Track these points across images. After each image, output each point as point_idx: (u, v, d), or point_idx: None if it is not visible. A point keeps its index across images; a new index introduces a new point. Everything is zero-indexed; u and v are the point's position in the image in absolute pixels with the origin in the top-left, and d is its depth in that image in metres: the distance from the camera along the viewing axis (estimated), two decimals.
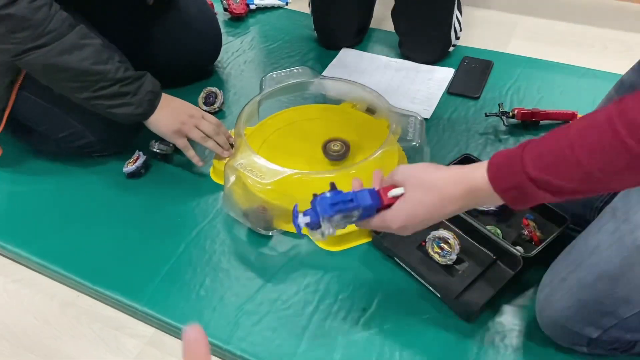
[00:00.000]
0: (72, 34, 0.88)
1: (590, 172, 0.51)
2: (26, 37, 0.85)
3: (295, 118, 1.12)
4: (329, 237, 0.89)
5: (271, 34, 1.45)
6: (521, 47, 1.37)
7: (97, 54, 0.91)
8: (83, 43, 0.90)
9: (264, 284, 0.87)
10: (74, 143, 1.05)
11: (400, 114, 1.03)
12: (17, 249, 0.95)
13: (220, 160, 1.02)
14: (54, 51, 0.87)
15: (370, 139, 1.03)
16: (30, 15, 0.84)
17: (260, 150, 0.98)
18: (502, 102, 1.14)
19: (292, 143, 1.06)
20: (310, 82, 1.12)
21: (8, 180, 1.08)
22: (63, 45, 0.87)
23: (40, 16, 0.85)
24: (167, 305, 0.85)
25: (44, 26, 0.85)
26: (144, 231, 0.96)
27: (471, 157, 1.00)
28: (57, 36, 0.87)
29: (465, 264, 0.87)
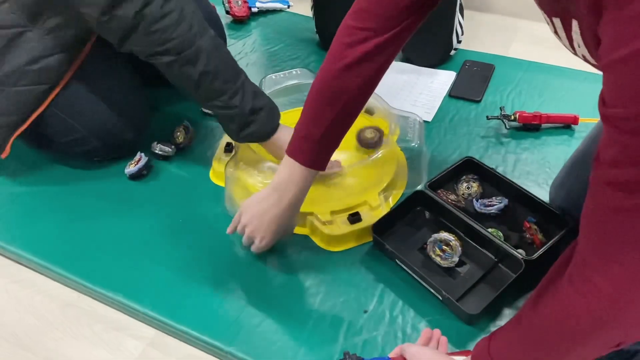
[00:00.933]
0: (201, 41, 0.88)
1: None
2: (154, 40, 0.85)
3: (294, 120, 1.11)
4: (330, 235, 0.90)
5: (273, 36, 1.46)
6: (523, 51, 1.37)
7: (225, 68, 0.90)
8: (210, 53, 0.88)
9: (265, 286, 0.87)
10: (78, 148, 1.06)
11: (399, 115, 1.03)
12: (19, 249, 0.95)
13: (220, 162, 1.03)
14: (180, 60, 0.87)
15: None
16: (160, 17, 0.84)
17: (260, 151, 0.98)
18: (503, 106, 1.14)
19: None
20: (309, 84, 1.12)
21: (9, 181, 1.08)
22: (190, 55, 0.87)
23: (169, 21, 0.85)
24: (168, 306, 0.85)
25: (170, 32, 0.85)
26: (145, 232, 0.96)
27: (473, 159, 1.00)
28: (186, 45, 0.87)
29: (466, 266, 0.87)
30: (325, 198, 0.95)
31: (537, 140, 1.10)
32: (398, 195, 1.00)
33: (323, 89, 0.77)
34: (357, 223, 0.92)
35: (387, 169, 0.99)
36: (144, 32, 0.84)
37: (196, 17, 0.89)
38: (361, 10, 0.73)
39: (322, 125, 0.77)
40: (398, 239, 0.91)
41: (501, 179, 0.96)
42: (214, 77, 0.89)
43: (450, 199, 0.95)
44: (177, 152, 1.11)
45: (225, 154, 1.05)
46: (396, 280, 0.87)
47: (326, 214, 0.92)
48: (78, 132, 1.03)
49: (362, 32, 0.72)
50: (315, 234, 0.94)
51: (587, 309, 0.50)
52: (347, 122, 0.80)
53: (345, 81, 0.75)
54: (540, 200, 0.91)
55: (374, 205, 0.94)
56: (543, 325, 0.55)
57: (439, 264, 0.86)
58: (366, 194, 0.95)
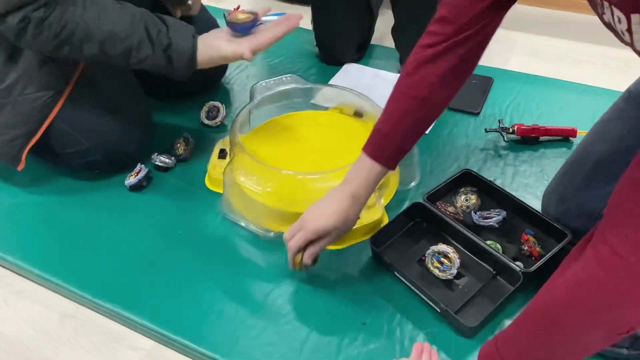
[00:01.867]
0: (85, 18, 0.87)
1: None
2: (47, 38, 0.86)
3: (286, 125, 1.14)
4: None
5: (273, 49, 1.45)
6: (521, 63, 1.38)
7: (117, 28, 0.89)
8: (98, 24, 0.88)
9: (263, 298, 0.87)
10: (80, 160, 1.06)
11: None
12: (18, 260, 0.95)
13: (215, 168, 1.04)
14: (76, 44, 0.88)
15: (359, 142, 1.04)
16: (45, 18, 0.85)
17: (254, 155, 0.99)
18: (502, 118, 1.15)
19: (284, 148, 1.08)
20: (299, 89, 1.15)
21: (9, 192, 1.08)
22: (81, 35, 0.88)
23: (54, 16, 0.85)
24: (166, 318, 0.85)
25: (57, 23, 0.86)
26: (144, 243, 0.96)
27: (471, 172, 1.00)
28: (73, 28, 0.87)
29: (465, 278, 0.87)
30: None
31: (535, 152, 1.11)
32: (392, 193, 1.02)
33: (402, 86, 0.78)
34: None
35: None
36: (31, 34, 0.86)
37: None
38: (441, 18, 0.75)
39: (394, 121, 0.79)
40: (396, 251, 0.91)
41: (499, 191, 0.97)
42: (113, 42, 0.89)
43: (448, 211, 0.95)
44: (177, 163, 1.11)
45: (219, 160, 1.06)
46: (394, 292, 0.87)
47: None
48: (81, 144, 1.03)
49: (441, 35, 0.74)
50: None
51: (606, 278, 0.51)
52: (423, 123, 0.81)
53: (425, 76, 0.76)
54: (539, 213, 0.92)
55: (370, 204, 0.95)
56: (557, 306, 0.56)
57: (437, 276, 0.86)
58: None
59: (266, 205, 0.95)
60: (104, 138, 1.04)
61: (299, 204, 0.96)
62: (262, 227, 0.96)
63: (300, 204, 0.95)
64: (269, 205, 0.95)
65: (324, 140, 1.11)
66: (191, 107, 1.25)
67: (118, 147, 1.05)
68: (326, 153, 1.07)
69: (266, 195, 0.94)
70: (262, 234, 0.96)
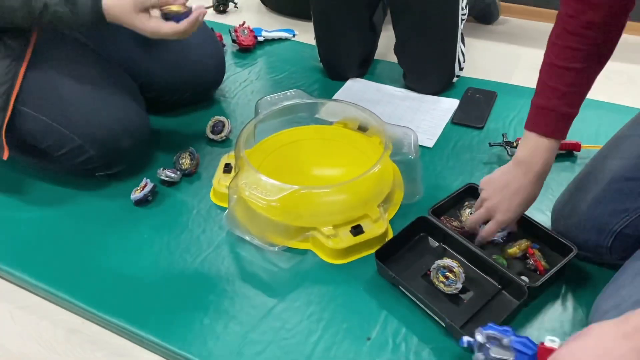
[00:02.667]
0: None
1: None
2: None
3: (290, 139, 1.15)
4: (335, 248, 0.92)
5: (278, 65, 1.48)
6: (525, 78, 1.39)
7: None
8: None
9: (268, 312, 0.87)
10: (75, 160, 1.05)
11: (393, 129, 1.05)
12: (24, 275, 0.95)
13: (220, 182, 1.05)
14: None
15: (364, 156, 1.07)
16: None
17: (259, 170, 0.99)
18: (506, 133, 1.15)
19: (289, 163, 1.09)
20: (304, 104, 1.16)
21: (15, 206, 1.09)
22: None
23: None
24: (171, 333, 0.85)
25: None
26: (150, 258, 0.97)
27: (475, 186, 1.01)
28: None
29: (470, 293, 0.87)
30: (326, 213, 0.97)
31: None
32: (396, 207, 1.03)
33: (548, 58, 0.81)
34: (359, 235, 0.94)
35: (385, 182, 1.02)
36: None
37: None
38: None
39: (558, 94, 0.79)
40: (401, 265, 0.91)
41: None
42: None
43: (453, 225, 0.95)
44: (183, 177, 1.12)
45: (224, 174, 1.06)
46: (399, 307, 0.86)
47: (329, 228, 0.94)
48: (73, 141, 1.03)
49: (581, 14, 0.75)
50: (319, 248, 0.95)
51: None
52: (584, 87, 0.81)
53: (576, 44, 0.76)
54: (543, 227, 0.92)
55: (375, 218, 0.96)
56: None
57: (442, 290, 0.86)
58: (366, 207, 0.98)
59: (271, 219, 0.96)
60: (94, 130, 1.02)
61: (304, 218, 0.97)
62: (267, 241, 0.96)
63: (305, 218, 0.97)
64: (274, 219, 0.96)
65: (329, 154, 1.12)
66: (196, 122, 1.26)
67: (111, 140, 1.04)
68: (331, 167, 1.08)
69: (271, 209, 0.95)
70: (267, 248, 0.96)
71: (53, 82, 1.03)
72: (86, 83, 1.05)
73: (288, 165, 1.07)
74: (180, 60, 1.21)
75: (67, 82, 1.03)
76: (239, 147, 1.03)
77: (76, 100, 1.03)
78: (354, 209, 0.97)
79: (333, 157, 1.11)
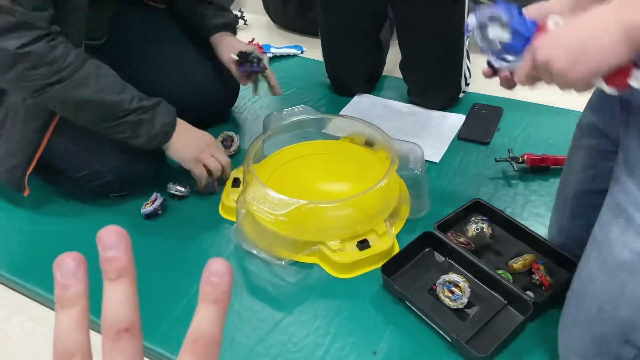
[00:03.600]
0: (87, 66, 0.93)
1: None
2: (44, 73, 0.89)
3: (298, 154, 1.16)
4: (341, 263, 0.92)
5: (286, 80, 1.50)
6: (531, 94, 1.39)
7: (112, 85, 0.96)
8: (98, 74, 0.94)
9: (274, 325, 0.88)
10: (92, 182, 1.09)
11: (399, 145, 1.06)
12: (35, 287, 0.97)
13: (228, 197, 1.06)
14: (71, 85, 0.92)
15: (370, 171, 1.08)
16: (48, 53, 0.88)
17: (266, 184, 1.00)
18: (511, 148, 1.16)
19: (296, 177, 1.10)
20: (310, 120, 1.18)
21: (27, 219, 1.11)
22: (79, 78, 0.92)
23: (58, 53, 0.89)
24: (179, 345, 0.85)
25: (61, 62, 0.90)
26: (159, 271, 0.98)
27: (481, 201, 1.01)
28: (73, 70, 0.91)
29: (475, 308, 0.87)
30: (333, 227, 0.98)
31: (545, 182, 1.11)
32: (402, 222, 1.03)
33: None
34: (366, 249, 0.94)
35: (391, 197, 1.03)
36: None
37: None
38: None
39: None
40: (407, 280, 0.92)
41: (510, 220, 0.97)
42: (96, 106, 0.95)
43: (459, 241, 0.96)
44: (192, 192, 1.14)
45: (232, 189, 1.08)
46: (405, 321, 0.87)
47: (335, 242, 0.95)
48: (92, 165, 1.06)
49: None
50: (326, 262, 0.96)
51: None
52: None
53: None
54: (549, 243, 0.92)
55: (381, 233, 0.97)
56: None
57: (448, 305, 0.87)
58: (372, 222, 0.98)
59: (278, 233, 0.97)
60: (114, 157, 1.06)
61: (311, 232, 0.98)
62: (274, 255, 0.97)
63: (312, 232, 0.98)
64: (281, 233, 0.97)
65: (336, 169, 1.13)
66: None
67: (129, 166, 1.08)
68: (338, 182, 1.09)
69: (278, 224, 0.96)
70: (274, 262, 0.97)
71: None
72: None
73: (295, 180, 1.08)
74: (193, 84, 1.23)
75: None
76: (248, 162, 1.04)
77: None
78: (361, 223, 0.98)
79: (340, 172, 1.12)
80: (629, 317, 0.64)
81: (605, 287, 0.66)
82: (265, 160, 1.14)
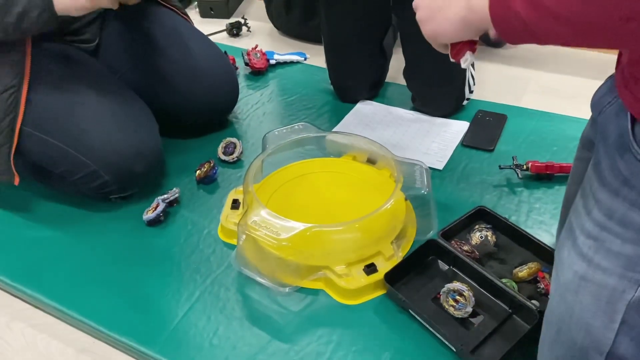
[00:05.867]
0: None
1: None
2: None
3: (298, 173, 1.14)
4: (348, 288, 0.90)
5: (290, 87, 1.50)
6: (535, 101, 1.39)
7: None
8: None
9: (276, 333, 0.87)
10: (90, 184, 1.07)
11: (403, 163, 1.04)
12: (36, 293, 0.96)
13: (227, 219, 1.04)
14: None
15: (374, 190, 1.06)
16: None
17: (267, 205, 0.97)
18: (515, 155, 1.16)
19: (297, 197, 1.07)
20: (311, 138, 1.15)
21: (28, 226, 1.10)
22: None
23: None
24: (180, 352, 0.85)
25: None
26: (160, 278, 0.97)
27: (485, 209, 1.01)
28: None
29: (480, 317, 0.86)
30: (339, 251, 0.95)
31: (549, 189, 1.11)
32: (409, 243, 1.00)
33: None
34: (373, 274, 0.92)
35: (398, 218, 1.01)
36: None
37: None
38: None
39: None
40: (411, 288, 0.91)
41: (514, 228, 0.97)
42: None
43: (464, 249, 0.95)
44: (194, 199, 1.13)
45: (232, 210, 1.06)
46: (409, 330, 0.86)
47: (342, 267, 0.92)
48: (87, 166, 1.04)
49: None
50: (331, 288, 0.93)
51: None
52: None
53: None
54: (554, 251, 0.91)
55: (388, 255, 0.94)
56: None
57: (452, 314, 0.86)
58: (379, 245, 0.96)
59: (282, 258, 0.94)
60: (109, 156, 1.04)
61: (316, 256, 0.95)
62: (278, 282, 0.93)
63: (318, 257, 0.95)
64: (285, 259, 0.94)
65: (338, 187, 1.10)
66: (208, 144, 1.27)
67: (125, 165, 1.05)
68: (341, 201, 1.06)
69: (282, 248, 0.93)
70: (277, 289, 0.93)
71: (64, 105, 1.05)
72: (100, 107, 1.06)
73: (297, 201, 1.05)
74: (193, 86, 1.22)
75: (79, 106, 1.05)
76: (247, 183, 1.01)
77: (90, 125, 1.04)
78: (367, 247, 0.95)
79: (343, 191, 1.09)
80: (581, 342, 0.62)
81: (559, 308, 0.64)
82: (265, 180, 1.11)
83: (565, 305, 0.63)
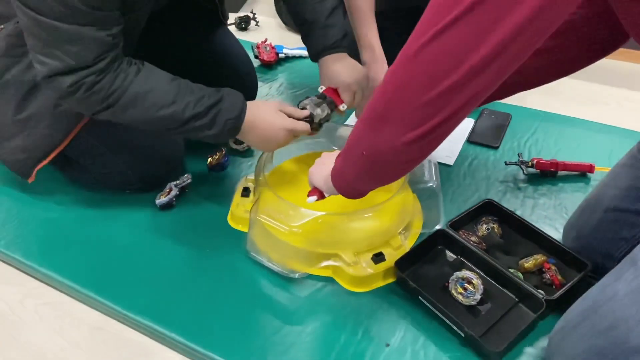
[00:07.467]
0: (133, 86, 0.88)
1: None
2: (95, 100, 0.87)
3: (309, 162, 1.13)
4: (356, 276, 0.92)
5: (298, 81, 1.52)
6: (539, 101, 1.42)
7: (161, 98, 0.89)
8: (145, 91, 0.88)
9: (289, 316, 0.89)
10: (113, 179, 1.10)
11: None
12: (50, 271, 0.98)
13: (238, 207, 1.05)
14: (119, 109, 0.88)
15: None
16: (95, 83, 0.85)
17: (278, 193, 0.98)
18: (521, 152, 1.18)
19: (308, 187, 1.08)
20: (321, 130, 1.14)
21: (43, 207, 1.12)
22: (126, 102, 0.88)
23: (105, 82, 0.86)
24: (194, 332, 0.87)
25: (107, 88, 0.86)
26: (173, 259, 0.99)
27: (493, 202, 1.03)
28: (118, 95, 0.87)
29: (487, 305, 0.88)
30: (349, 240, 0.97)
31: (554, 186, 1.14)
32: (416, 235, 1.02)
33: None
34: (381, 263, 0.94)
35: (406, 209, 1.03)
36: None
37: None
38: None
39: None
40: (420, 276, 0.93)
41: (521, 221, 0.99)
42: (158, 107, 0.89)
43: (472, 240, 0.97)
44: (207, 184, 1.15)
45: (242, 198, 1.07)
46: (418, 316, 0.88)
47: (350, 255, 0.94)
48: (117, 165, 1.07)
49: None
50: (340, 276, 0.95)
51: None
52: None
53: None
54: (560, 243, 0.94)
55: (396, 246, 0.96)
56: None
57: (460, 301, 0.88)
58: (388, 235, 0.98)
59: (293, 245, 0.95)
60: (140, 161, 1.08)
61: (326, 244, 0.96)
62: (288, 268, 0.95)
63: (328, 244, 0.96)
64: (296, 246, 0.95)
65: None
66: None
67: (153, 170, 1.10)
68: None
69: (293, 236, 0.94)
70: (288, 275, 0.95)
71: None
72: None
73: (307, 189, 1.07)
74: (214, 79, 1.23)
75: None
76: (259, 171, 1.03)
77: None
78: (376, 236, 0.97)
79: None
80: (637, 344, 0.64)
81: (625, 310, 0.66)
82: (275, 169, 1.13)
83: (637, 310, 0.64)
